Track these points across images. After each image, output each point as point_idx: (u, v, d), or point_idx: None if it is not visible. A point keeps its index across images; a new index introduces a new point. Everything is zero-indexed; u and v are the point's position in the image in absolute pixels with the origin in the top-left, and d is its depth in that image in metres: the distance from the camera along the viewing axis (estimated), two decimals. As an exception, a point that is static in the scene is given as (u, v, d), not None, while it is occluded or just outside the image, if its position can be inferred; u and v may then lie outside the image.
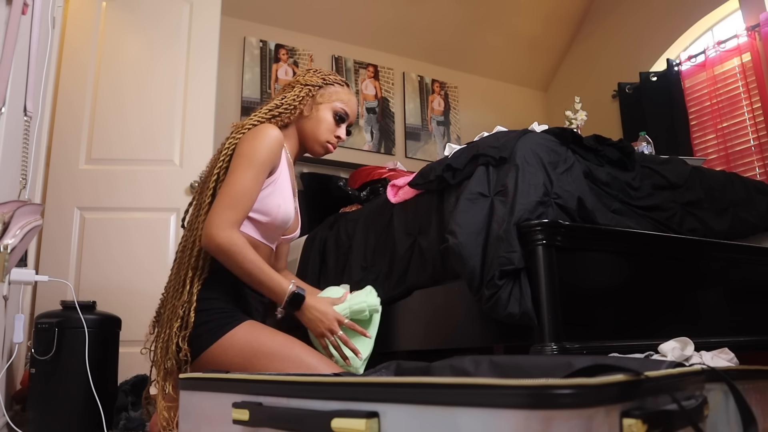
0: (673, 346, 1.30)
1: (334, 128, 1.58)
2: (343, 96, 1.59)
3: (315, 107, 1.56)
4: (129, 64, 2.75)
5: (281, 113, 1.52)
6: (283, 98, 1.54)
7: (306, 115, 1.55)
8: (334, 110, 1.57)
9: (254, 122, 1.47)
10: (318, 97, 1.56)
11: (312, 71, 1.60)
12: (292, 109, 1.53)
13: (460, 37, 4.46)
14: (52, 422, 1.80)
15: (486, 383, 0.46)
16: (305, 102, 1.55)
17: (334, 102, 1.57)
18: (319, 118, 1.55)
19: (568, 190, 1.53)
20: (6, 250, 1.33)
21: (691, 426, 0.50)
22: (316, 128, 1.56)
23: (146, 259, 2.55)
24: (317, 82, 1.56)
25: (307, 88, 1.55)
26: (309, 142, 1.57)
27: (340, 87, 1.60)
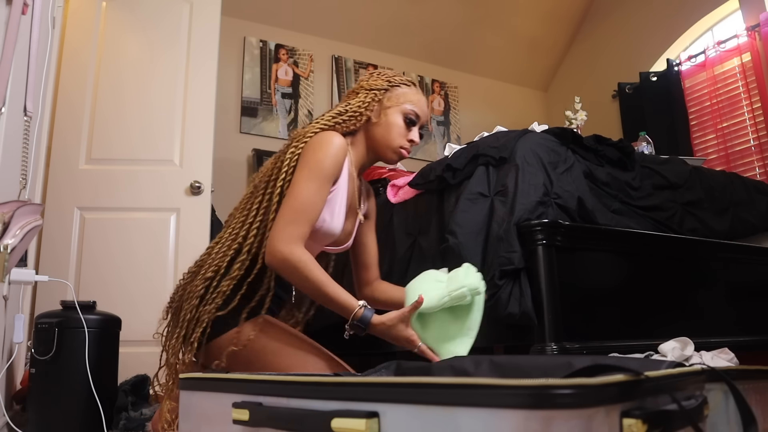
0: (673, 346, 1.30)
1: (406, 132, 1.48)
2: (411, 97, 1.50)
3: (383, 112, 1.48)
4: (129, 64, 2.75)
5: (346, 120, 1.45)
6: (347, 105, 1.48)
7: (374, 121, 1.47)
8: (404, 113, 1.48)
9: (316, 130, 1.41)
10: (385, 100, 1.48)
11: (376, 74, 1.53)
12: (358, 116, 1.46)
13: (460, 37, 4.46)
14: (52, 422, 1.80)
15: (486, 383, 0.46)
16: (372, 107, 1.47)
17: (403, 104, 1.48)
18: (388, 123, 1.47)
19: (568, 190, 1.53)
20: (6, 250, 1.33)
21: (691, 426, 0.50)
22: (387, 134, 1.47)
23: (146, 259, 2.55)
24: (382, 85, 1.49)
25: (372, 92, 1.48)
26: (381, 150, 1.49)
27: (407, 88, 1.52)
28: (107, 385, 1.91)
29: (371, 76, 1.53)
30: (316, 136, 1.39)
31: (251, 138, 3.69)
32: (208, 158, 2.71)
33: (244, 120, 3.69)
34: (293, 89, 3.91)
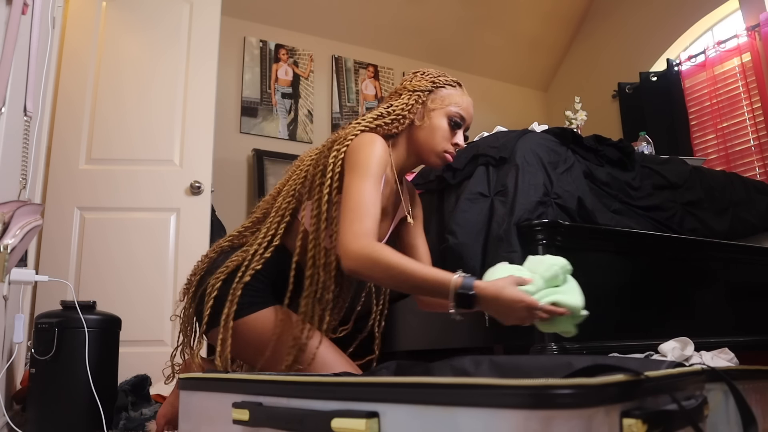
0: (673, 346, 1.30)
1: (450, 135, 1.41)
2: (456, 98, 1.43)
3: (427, 114, 1.41)
4: (129, 64, 2.75)
5: (388, 123, 1.39)
6: (389, 106, 1.42)
7: (417, 124, 1.41)
8: (449, 115, 1.40)
9: (357, 132, 1.36)
10: (429, 102, 1.41)
11: (420, 74, 1.47)
12: (401, 119, 1.40)
13: (460, 37, 4.46)
14: (52, 422, 1.80)
15: (486, 383, 0.46)
16: (415, 110, 1.41)
17: (448, 106, 1.41)
18: (432, 126, 1.40)
19: (568, 190, 1.53)
20: (6, 250, 1.33)
21: (691, 426, 0.50)
22: (431, 137, 1.40)
23: (146, 260, 2.55)
24: (426, 86, 1.43)
25: (416, 94, 1.42)
26: (425, 154, 1.42)
27: (452, 89, 1.44)
28: (107, 385, 1.91)
29: (414, 76, 1.47)
30: (358, 138, 1.34)
31: (251, 138, 3.69)
32: (208, 158, 2.71)
33: (244, 120, 3.69)
34: (293, 89, 3.91)
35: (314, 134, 3.93)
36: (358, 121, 1.40)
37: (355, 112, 4.12)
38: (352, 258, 1.18)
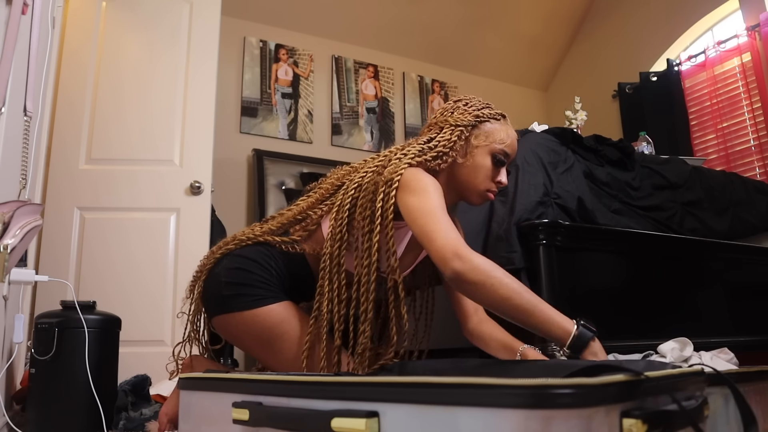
0: (672, 346, 1.30)
1: (493, 173, 1.33)
2: (501, 134, 1.34)
3: (470, 151, 1.33)
4: (129, 64, 2.75)
5: (430, 160, 1.31)
6: (430, 140, 1.34)
7: (460, 161, 1.33)
8: (493, 152, 1.32)
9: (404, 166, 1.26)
10: (473, 139, 1.33)
11: (462, 105, 1.38)
12: (444, 156, 1.31)
13: (460, 37, 4.47)
14: (52, 422, 1.80)
15: (486, 383, 0.46)
16: (458, 146, 1.33)
17: (493, 143, 1.32)
18: (475, 165, 1.32)
19: (568, 190, 1.53)
20: (6, 250, 1.33)
21: (691, 426, 0.50)
22: (473, 176, 1.32)
23: (146, 260, 2.55)
24: (470, 120, 1.34)
25: (458, 129, 1.33)
26: (465, 192, 1.35)
27: (497, 123, 1.35)
28: (107, 385, 1.91)
29: (456, 107, 1.38)
30: (407, 173, 1.25)
31: (251, 138, 3.69)
32: (208, 158, 2.71)
33: (244, 120, 3.69)
34: (293, 89, 3.91)
35: (314, 134, 3.93)
36: (400, 157, 1.31)
37: (355, 112, 4.12)
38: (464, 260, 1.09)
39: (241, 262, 1.38)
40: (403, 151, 1.33)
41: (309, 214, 1.42)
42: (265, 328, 1.33)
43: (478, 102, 1.40)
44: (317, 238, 1.41)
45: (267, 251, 1.41)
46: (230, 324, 1.36)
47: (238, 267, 1.37)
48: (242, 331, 1.34)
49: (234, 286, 1.35)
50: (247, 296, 1.34)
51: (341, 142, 4.02)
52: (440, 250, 1.12)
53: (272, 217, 1.52)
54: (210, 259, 1.46)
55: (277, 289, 1.37)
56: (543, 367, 1.07)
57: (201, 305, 1.44)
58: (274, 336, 1.32)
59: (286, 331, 1.33)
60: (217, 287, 1.38)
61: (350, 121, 4.09)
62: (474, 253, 1.11)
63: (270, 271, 1.38)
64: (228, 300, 1.35)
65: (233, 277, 1.37)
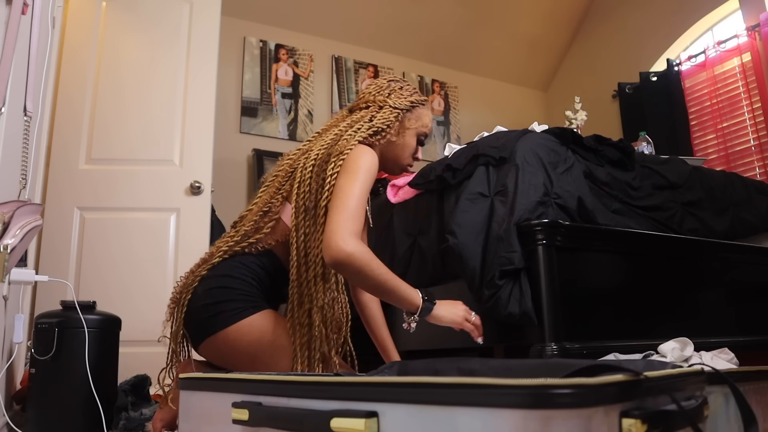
0: (672, 346, 1.30)
1: (415, 151, 1.54)
2: (427, 119, 1.54)
3: (402, 132, 1.50)
4: (129, 64, 2.75)
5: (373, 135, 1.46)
6: (372, 118, 1.48)
7: (393, 140, 1.49)
8: (419, 134, 1.52)
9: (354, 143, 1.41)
10: (406, 121, 1.51)
11: (398, 87, 1.53)
12: (383, 132, 1.47)
13: (460, 37, 4.46)
14: (52, 422, 1.80)
15: (485, 383, 0.46)
16: (394, 126, 1.49)
17: (420, 127, 1.52)
18: (405, 144, 1.51)
19: (568, 190, 1.53)
20: (6, 250, 1.33)
21: (690, 426, 0.50)
22: (401, 153, 1.51)
23: (146, 259, 2.55)
24: (406, 105, 1.51)
25: (396, 111, 1.49)
26: (390, 165, 1.53)
27: (423, 108, 1.55)
28: (107, 385, 1.91)
29: (393, 90, 1.52)
30: (356, 150, 1.38)
31: (251, 138, 3.69)
32: (208, 158, 2.71)
33: (244, 120, 3.69)
34: (293, 89, 3.91)
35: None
36: (351, 134, 1.43)
37: (355, 112, 4.12)
38: (341, 255, 1.22)
39: (215, 281, 1.37)
40: (354, 128, 1.45)
41: (271, 204, 1.44)
42: (252, 341, 1.31)
43: (408, 86, 1.57)
44: (282, 228, 1.41)
45: (240, 262, 1.40)
46: (216, 347, 1.34)
47: (212, 288, 1.36)
48: (230, 350, 1.32)
49: (210, 306, 1.34)
50: (226, 312, 1.32)
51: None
52: (329, 238, 1.24)
53: (241, 218, 1.53)
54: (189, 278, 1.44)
55: (256, 299, 1.36)
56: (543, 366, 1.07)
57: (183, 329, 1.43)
58: (262, 347, 1.31)
59: (272, 340, 1.32)
60: (196, 314, 1.37)
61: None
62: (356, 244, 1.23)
63: (246, 281, 1.37)
64: (207, 322, 1.33)
65: (209, 298, 1.35)
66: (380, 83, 1.55)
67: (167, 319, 1.47)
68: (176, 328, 1.43)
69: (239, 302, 1.34)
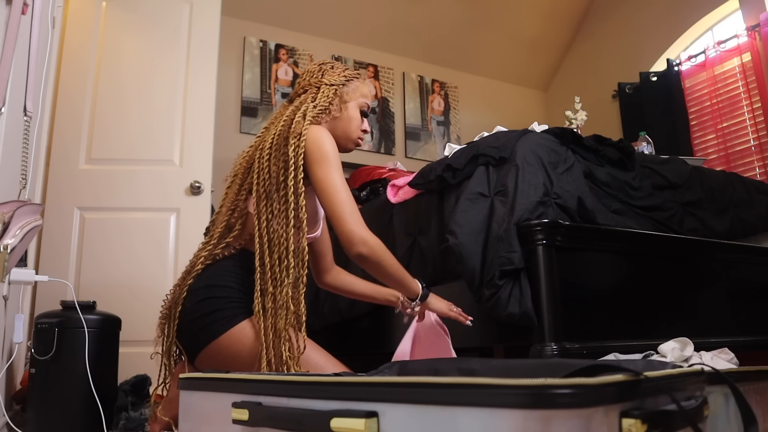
0: (672, 346, 1.30)
1: (361, 123, 1.58)
2: (365, 90, 1.59)
3: (343, 106, 1.55)
4: (129, 64, 2.75)
5: (320, 114, 1.51)
6: (314, 98, 1.53)
7: (336, 116, 1.54)
8: (360, 106, 1.57)
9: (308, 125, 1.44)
10: (344, 95, 1.55)
11: (328, 68, 1.58)
12: (326, 110, 1.53)
13: (460, 37, 4.46)
14: (52, 422, 1.80)
15: (485, 383, 0.46)
16: (335, 102, 1.54)
17: (359, 98, 1.57)
18: (349, 117, 1.55)
19: (568, 190, 1.53)
20: (6, 250, 1.33)
21: (690, 426, 0.50)
22: (348, 127, 1.55)
23: (146, 259, 2.55)
24: (341, 80, 1.56)
25: (333, 88, 1.54)
26: (342, 141, 1.55)
27: (359, 81, 1.60)
28: (107, 385, 1.91)
29: (325, 71, 1.57)
30: (313, 131, 1.41)
31: (251, 138, 3.67)
32: (208, 158, 2.71)
33: (244, 120, 3.69)
34: (293, 89, 3.91)
35: (314, 134, 3.93)
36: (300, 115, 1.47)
37: (355, 112, 4.12)
38: (367, 245, 1.32)
39: (202, 294, 1.37)
40: (301, 111, 1.49)
41: (238, 201, 1.46)
42: (246, 346, 1.31)
43: (340, 65, 1.62)
44: (252, 223, 1.41)
45: (222, 268, 1.40)
46: (212, 358, 1.34)
47: (199, 300, 1.36)
48: (227, 359, 1.32)
49: (200, 319, 1.34)
50: (216, 323, 1.32)
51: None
52: (349, 235, 1.32)
53: (212, 223, 1.55)
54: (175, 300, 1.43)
55: (244, 303, 1.36)
56: (543, 366, 1.07)
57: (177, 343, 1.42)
58: (258, 350, 1.30)
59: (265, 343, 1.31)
60: (187, 328, 1.37)
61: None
62: (371, 236, 1.33)
63: (231, 287, 1.37)
64: (200, 334, 1.33)
65: (197, 312, 1.35)
66: (312, 68, 1.60)
67: (158, 335, 1.46)
68: (168, 344, 1.43)
69: (227, 311, 1.33)
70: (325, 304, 2.07)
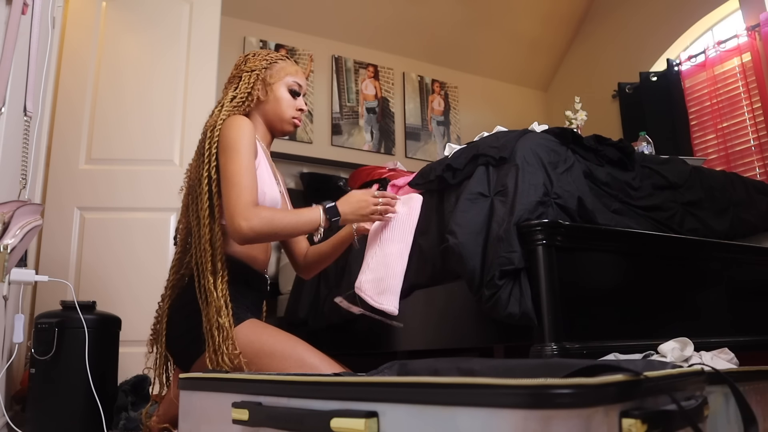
0: (672, 346, 1.30)
1: (294, 103, 1.58)
2: (290, 69, 1.58)
3: (269, 89, 1.56)
4: (129, 64, 2.75)
5: (241, 104, 1.52)
6: (235, 89, 1.54)
7: (263, 99, 1.56)
8: (288, 86, 1.57)
9: (224, 116, 1.47)
10: (268, 78, 1.56)
11: (251, 56, 1.59)
12: (249, 97, 1.53)
13: (460, 37, 4.46)
14: (52, 422, 1.80)
15: (485, 383, 0.46)
16: (258, 87, 1.55)
17: (285, 78, 1.57)
18: (276, 98, 1.56)
19: (568, 190, 1.53)
20: (6, 250, 1.33)
21: (690, 426, 0.50)
22: (278, 108, 1.56)
23: (146, 259, 2.55)
24: (262, 64, 1.56)
25: (254, 73, 1.55)
26: (276, 123, 1.58)
27: (284, 62, 1.60)
28: (107, 385, 1.91)
29: (247, 59, 1.58)
30: (226, 122, 1.44)
31: (251, 138, 3.69)
32: (208, 158, 2.71)
33: (244, 120, 3.69)
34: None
35: (314, 134, 3.93)
36: (219, 107, 1.51)
37: (355, 112, 4.12)
38: (251, 229, 1.30)
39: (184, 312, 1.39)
40: (219, 105, 1.53)
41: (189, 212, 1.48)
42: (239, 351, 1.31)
43: (265, 50, 1.64)
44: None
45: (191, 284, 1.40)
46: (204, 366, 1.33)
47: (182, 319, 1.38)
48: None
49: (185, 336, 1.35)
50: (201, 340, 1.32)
51: (341, 142, 4.02)
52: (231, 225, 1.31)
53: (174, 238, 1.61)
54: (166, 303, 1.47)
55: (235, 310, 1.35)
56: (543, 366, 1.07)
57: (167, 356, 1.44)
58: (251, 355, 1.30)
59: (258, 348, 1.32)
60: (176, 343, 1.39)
61: (350, 121, 4.09)
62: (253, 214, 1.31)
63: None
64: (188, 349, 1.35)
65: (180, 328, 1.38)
66: (238, 61, 1.61)
67: (149, 351, 1.48)
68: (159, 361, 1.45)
69: None
70: (325, 304, 2.07)
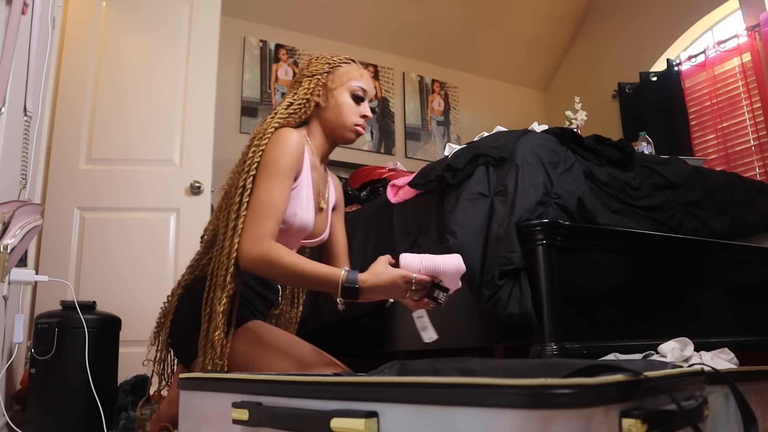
0: (672, 346, 1.30)
1: (357, 109, 1.47)
2: (354, 73, 1.49)
3: (329, 94, 1.46)
4: (129, 64, 2.75)
5: (296, 111, 1.43)
6: (294, 95, 1.46)
7: (323, 105, 1.46)
8: (351, 91, 1.47)
9: (275, 126, 1.39)
10: (329, 83, 1.46)
11: (314, 59, 1.51)
12: (307, 103, 1.44)
13: (460, 37, 4.46)
14: (52, 422, 1.80)
15: (485, 383, 0.46)
16: (317, 92, 1.45)
17: (347, 82, 1.47)
18: (338, 104, 1.45)
19: (568, 190, 1.53)
20: (6, 250, 1.33)
21: (690, 426, 0.50)
22: (339, 115, 1.45)
23: (146, 259, 2.55)
24: (323, 68, 1.48)
25: (315, 78, 1.46)
26: (337, 131, 1.47)
27: (348, 65, 1.51)
28: (107, 385, 1.91)
29: (310, 62, 1.51)
30: (274, 135, 1.36)
31: (251, 138, 3.69)
32: (208, 158, 2.71)
33: (244, 120, 3.69)
34: (293, 89, 3.91)
35: (314, 134, 3.93)
36: (273, 114, 1.43)
37: (355, 112, 4.12)
38: (249, 260, 1.23)
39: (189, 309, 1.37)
40: (272, 113, 1.44)
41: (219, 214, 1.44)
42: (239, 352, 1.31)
43: (328, 53, 1.55)
44: None
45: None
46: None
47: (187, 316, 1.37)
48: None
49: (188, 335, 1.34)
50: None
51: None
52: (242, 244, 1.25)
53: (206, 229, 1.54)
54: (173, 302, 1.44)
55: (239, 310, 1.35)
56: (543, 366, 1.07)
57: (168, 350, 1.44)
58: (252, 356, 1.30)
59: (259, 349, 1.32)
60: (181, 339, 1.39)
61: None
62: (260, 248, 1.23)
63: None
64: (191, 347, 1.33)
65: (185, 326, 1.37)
66: (302, 64, 1.54)
67: (152, 343, 1.47)
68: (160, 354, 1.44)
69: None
70: (325, 304, 2.07)
